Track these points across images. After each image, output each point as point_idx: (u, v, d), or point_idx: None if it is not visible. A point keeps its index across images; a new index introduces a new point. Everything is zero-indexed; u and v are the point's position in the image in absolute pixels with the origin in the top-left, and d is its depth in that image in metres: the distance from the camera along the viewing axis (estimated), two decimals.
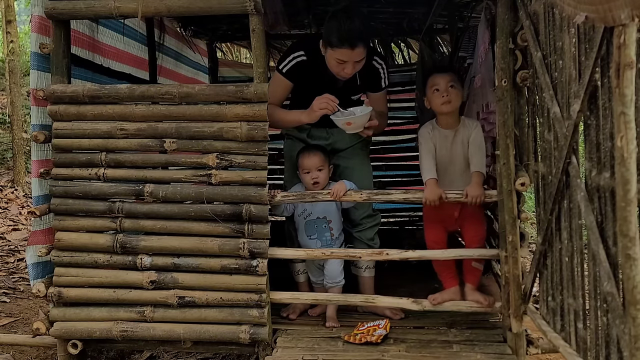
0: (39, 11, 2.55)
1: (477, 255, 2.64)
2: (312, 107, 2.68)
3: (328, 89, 2.73)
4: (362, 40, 2.64)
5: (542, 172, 2.10)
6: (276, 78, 2.85)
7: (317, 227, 2.90)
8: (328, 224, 2.89)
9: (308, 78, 2.81)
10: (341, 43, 2.60)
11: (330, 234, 2.89)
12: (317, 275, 2.97)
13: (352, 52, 2.62)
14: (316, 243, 2.89)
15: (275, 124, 2.82)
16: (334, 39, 2.61)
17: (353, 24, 2.60)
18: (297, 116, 2.80)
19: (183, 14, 2.62)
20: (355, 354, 2.44)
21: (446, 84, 2.64)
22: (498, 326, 2.68)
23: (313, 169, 2.79)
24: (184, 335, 2.52)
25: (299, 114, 2.78)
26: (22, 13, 12.35)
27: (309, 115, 2.72)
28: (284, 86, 2.85)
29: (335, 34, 2.60)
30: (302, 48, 2.82)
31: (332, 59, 2.68)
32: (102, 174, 2.54)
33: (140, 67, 3.64)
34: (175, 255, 2.53)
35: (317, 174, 2.78)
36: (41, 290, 2.55)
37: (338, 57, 2.65)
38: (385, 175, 4.61)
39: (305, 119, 2.76)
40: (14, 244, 5.26)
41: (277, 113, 2.78)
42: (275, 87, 2.79)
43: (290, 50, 2.87)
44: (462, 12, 3.59)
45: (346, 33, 2.58)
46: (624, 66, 1.27)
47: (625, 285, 1.34)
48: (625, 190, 1.32)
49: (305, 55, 2.80)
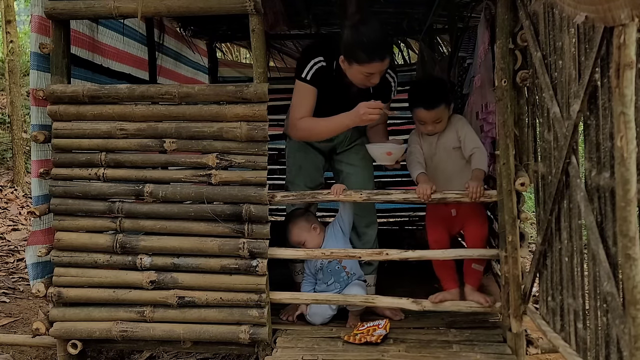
0: (38, 11, 2.55)
1: (476, 256, 2.64)
2: (359, 113, 2.54)
3: (343, 96, 2.68)
4: (389, 49, 2.59)
5: (542, 172, 2.10)
6: (301, 87, 2.70)
7: (331, 271, 2.84)
8: (339, 263, 2.83)
9: (326, 84, 2.71)
10: (371, 59, 2.52)
11: (345, 273, 2.84)
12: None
13: (381, 64, 2.55)
14: (335, 286, 2.84)
15: (317, 135, 2.75)
16: (361, 55, 2.51)
17: (378, 36, 2.52)
18: (341, 122, 2.63)
19: (183, 14, 2.62)
20: (355, 354, 2.44)
21: (432, 120, 2.63)
22: (498, 326, 2.68)
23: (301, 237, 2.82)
24: (184, 335, 2.52)
25: (343, 119, 2.62)
26: (22, 13, 12.35)
27: (354, 120, 2.59)
28: (311, 94, 2.70)
29: (363, 50, 2.51)
30: (320, 53, 2.70)
31: (359, 73, 2.58)
32: (102, 174, 2.54)
33: (140, 67, 3.64)
34: (175, 255, 2.53)
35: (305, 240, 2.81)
36: (41, 290, 2.55)
37: (367, 71, 2.56)
38: (385, 175, 4.62)
39: (351, 123, 2.63)
40: (14, 244, 5.25)
41: (317, 123, 2.67)
42: (302, 98, 2.69)
43: (308, 56, 2.73)
44: (462, 12, 3.59)
45: (374, 47, 2.51)
46: (624, 66, 1.27)
47: (625, 285, 1.34)
48: (625, 190, 1.32)
49: (325, 60, 2.69)
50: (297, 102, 2.72)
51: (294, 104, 2.74)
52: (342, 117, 2.63)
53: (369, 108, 2.53)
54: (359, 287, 2.81)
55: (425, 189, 2.52)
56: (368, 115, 2.53)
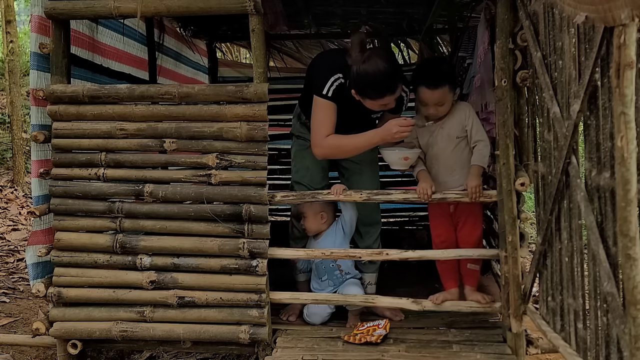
0: (38, 11, 2.55)
1: (477, 256, 2.64)
2: (390, 132, 2.51)
3: (356, 110, 2.66)
4: (397, 79, 2.56)
5: (542, 172, 2.10)
6: (323, 104, 2.66)
7: (325, 267, 2.87)
8: (334, 261, 2.84)
9: (343, 100, 2.68)
10: (382, 95, 2.53)
11: (339, 272, 2.85)
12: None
13: (393, 95, 2.56)
14: (328, 283, 2.87)
15: (345, 153, 2.73)
16: (372, 93, 2.54)
17: (384, 73, 2.50)
18: (370, 139, 2.61)
19: (183, 14, 2.62)
20: (355, 354, 2.44)
21: (434, 102, 2.58)
22: (498, 326, 2.68)
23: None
24: (184, 335, 2.52)
25: (372, 136, 2.60)
26: (22, 13, 12.34)
27: (384, 138, 2.56)
28: (333, 111, 2.66)
29: (372, 89, 2.53)
30: (339, 70, 2.66)
31: (373, 105, 2.59)
32: (102, 174, 2.54)
33: (140, 67, 3.63)
34: (175, 255, 2.53)
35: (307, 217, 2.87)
36: (41, 290, 2.55)
37: (380, 103, 2.57)
38: (385, 175, 4.61)
39: (380, 141, 2.60)
40: (14, 244, 5.25)
41: (344, 141, 2.64)
42: (325, 115, 2.65)
43: (327, 72, 2.68)
44: (462, 12, 3.59)
45: (382, 85, 2.51)
46: (624, 66, 1.27)
47: (625, 285, 1.34)
48: (625, 190, 1.32)
49: (343, 77, 2.66)
50: (320, 120, 2.66)
51: (316, 122, 2.68)
52: (371, 135, 2.61)
53: (401, 126, 2.50)
54: (356, 286, 2.81)
55: (426, 189, 2.51)
56: (400, 134, 2.51)
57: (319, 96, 2.66)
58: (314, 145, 2.70)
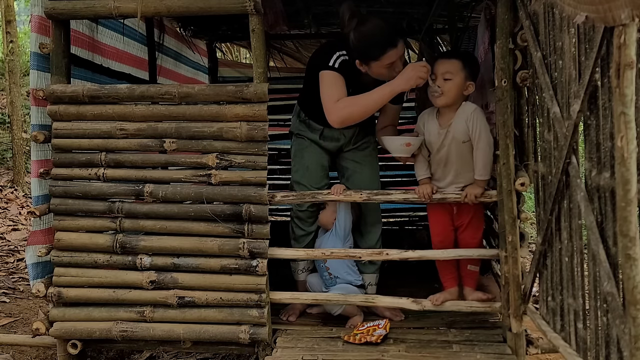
0: (38, 11, 2.55)
1: (476, 256, 2.64)
2: (408, 76, 2.47)
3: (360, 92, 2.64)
4: (397, 34, 2.60)
5: (542, 172, 2.10)
6: (330, 76, 2.64)
7: (320, 266, 2.89)
8: (324, 262, 2.84)
9: (348, 76, 2.67)
10: (384, 50, 2.53)
11: (328, 274, 2.85)
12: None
13: (397, 50, 2.57)
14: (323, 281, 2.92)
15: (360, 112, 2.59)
16: (374, 51, 2.54)
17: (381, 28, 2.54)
18: (385, 90, 2.52)
19: (183, 14, 2.62)
20: (355, 354, 2.44)
21: (441, 73, 2.50)
22: (498, 326, 2.68)
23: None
24: (184, 335, 2.52)
25: (388, 86, 2.53)
26: (22, 13, 12.34)
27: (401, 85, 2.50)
28: (342, 81, 2.63)
29: (373, 46, 2.54)
30: (343, 47, 2.66)
31: (380, 68, 2.59)
32: (102, 174, 2.54)
33: (140, 67, 3.63)
34: (175, 255, 2.53)
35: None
36: (41, 290, 2.55)
37: (386, 63, 2.57)
38: (385, 175, 4.61)
39: (397, 89, 2.52)
40: (14, 244, 5.25)
41: (358, 99, 2.57)
42: (333, 85, 2.62)
43: (331, 49, 2.70)
44: (462, 12, 3.58)
45: (382, 38, 2.54)
46: (624, 66, 1.27)
47: (625, 285, 1.34)
48: (626, 190, 1.32)
49: (347, 55, 2.66)
50: (329, 89, 2.61)
51: (326, 92, 2.63)
52: (387, 85, 2.53)
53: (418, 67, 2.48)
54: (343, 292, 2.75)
55: (426, 189, 2.52)
56: (418, 79, 2.47)
57: (326, 69, 2.64)
58: (327, 112, 2.62)
